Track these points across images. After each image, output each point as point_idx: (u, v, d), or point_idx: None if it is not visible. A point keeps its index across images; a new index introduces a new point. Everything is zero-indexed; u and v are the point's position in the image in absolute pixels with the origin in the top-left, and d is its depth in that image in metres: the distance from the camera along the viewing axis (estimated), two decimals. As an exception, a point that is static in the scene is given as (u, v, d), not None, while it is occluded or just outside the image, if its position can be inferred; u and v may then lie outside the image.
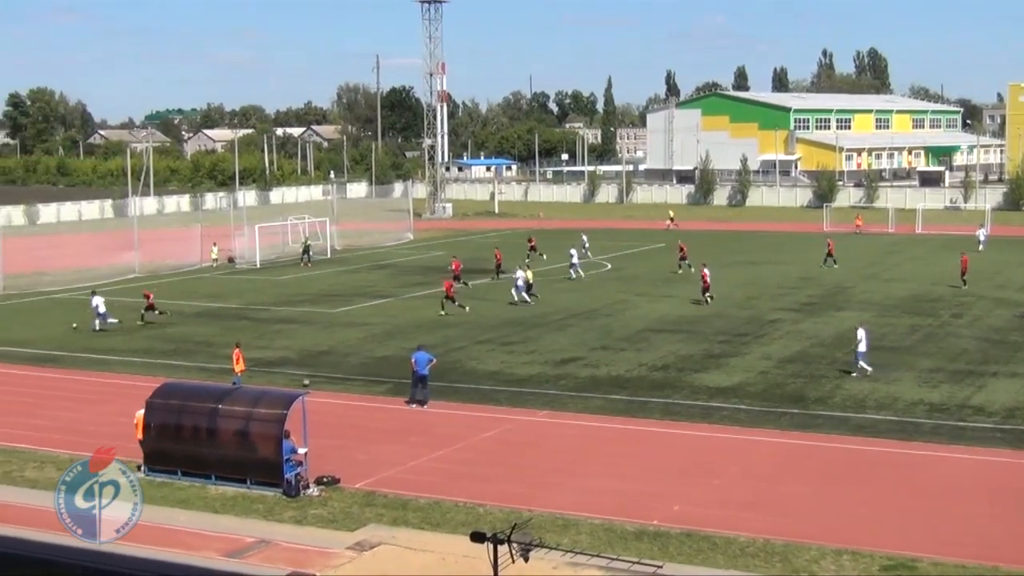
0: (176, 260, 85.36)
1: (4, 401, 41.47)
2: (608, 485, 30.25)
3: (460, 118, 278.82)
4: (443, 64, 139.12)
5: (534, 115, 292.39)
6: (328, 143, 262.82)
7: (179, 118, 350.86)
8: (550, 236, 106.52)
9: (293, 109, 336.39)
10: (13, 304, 66.11)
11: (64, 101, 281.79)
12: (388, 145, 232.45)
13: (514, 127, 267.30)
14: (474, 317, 58.36)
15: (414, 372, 39.60)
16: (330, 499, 29.33)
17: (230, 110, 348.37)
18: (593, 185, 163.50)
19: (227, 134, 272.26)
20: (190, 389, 34.37)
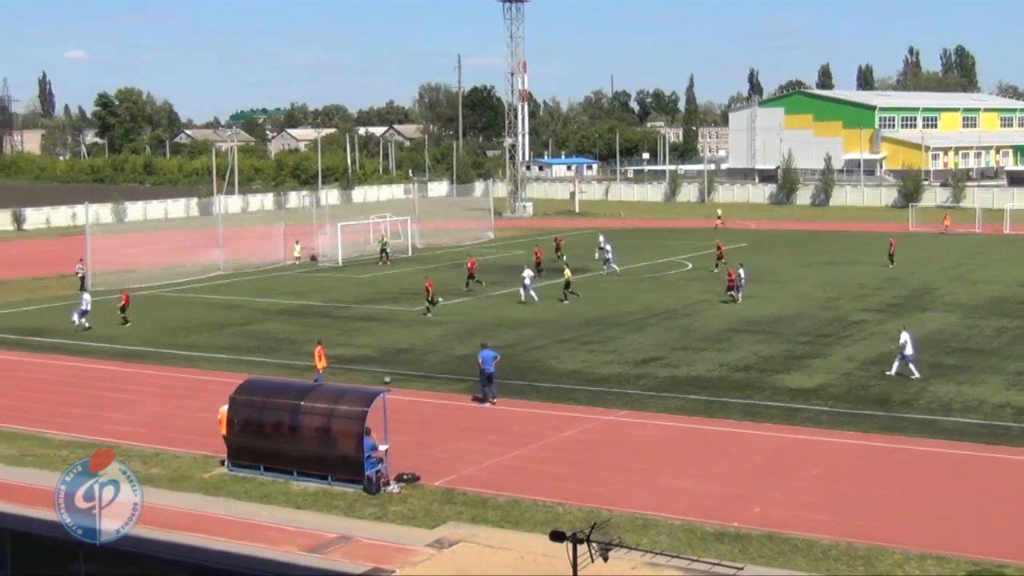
0: (259, 258, 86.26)
1: (91, 396, 42.17)
2: (688, 486, 30.07)
3: (541, 117, 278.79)
4: (524, 63, 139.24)
5: (615, 114, 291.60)
6: (410, 142, 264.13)
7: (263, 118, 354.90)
8: (629, 236, 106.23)
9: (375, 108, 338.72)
10: (101, 301, 67.12)
11: (151, 101, 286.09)
12: (469, 144, 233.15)
13: (595, 126, 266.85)
14: (555, 316, 58.33)
15: (482, 370, 39.75)
16: (410, 496, 29.45)
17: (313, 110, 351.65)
18: (674, 184, 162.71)
19: (310, 133, 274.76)
20: (273, 385, 34.69)
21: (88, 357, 50.01)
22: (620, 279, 72.66)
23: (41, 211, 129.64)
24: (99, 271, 74.21)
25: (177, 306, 64.58)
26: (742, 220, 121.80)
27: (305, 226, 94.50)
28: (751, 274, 74.53)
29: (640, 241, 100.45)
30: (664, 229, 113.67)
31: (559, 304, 62.43)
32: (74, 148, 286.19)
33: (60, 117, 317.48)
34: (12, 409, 40.03)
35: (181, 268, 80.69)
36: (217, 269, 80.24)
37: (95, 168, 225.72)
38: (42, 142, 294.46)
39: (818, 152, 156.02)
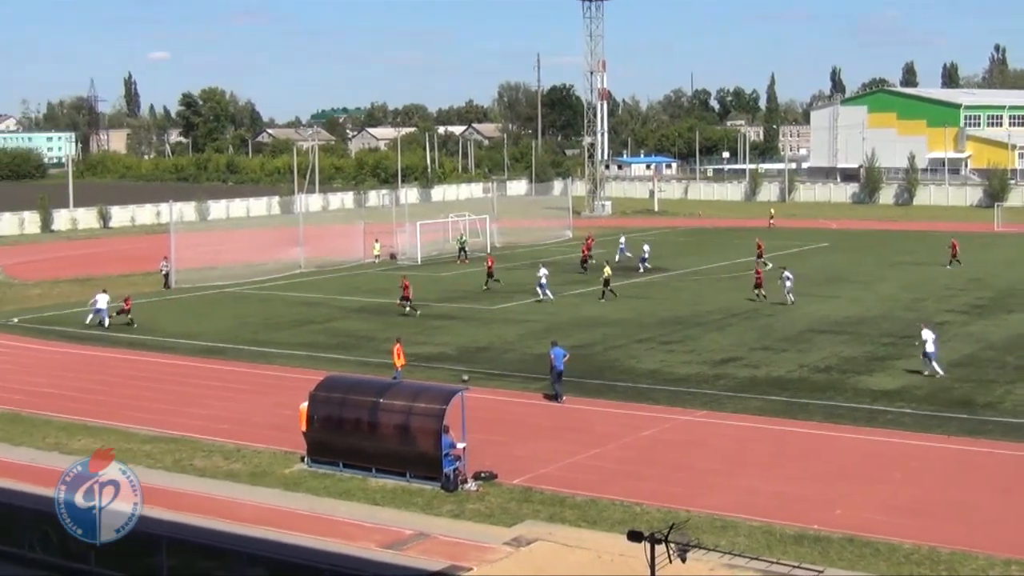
0: (340, 256, 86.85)
1: (174, 392, 42.73)
2: (767, 487, 29.82)
3: (620, 116, 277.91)
4: (604, 62, 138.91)
5: (695, 112, 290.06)
6: (489, 141, 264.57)
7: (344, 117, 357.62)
8: (708, 235, 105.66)
9: (455, 108, 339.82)
10: (184, 298, 68.14)
11: (234, 101, 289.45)
12: (548, 143, 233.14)
13: (674, 125, 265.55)
14: (633, 315, 58.13)
15: (552, 368, 39.70)
16: (487, 494, 29.50)
17: (393, 109, 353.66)
18: (754, 183, 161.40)
19: (390, 132, 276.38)
20: (352, 383, 34.90)
21: (171, 353, 50.69)
22: (699, 279, 72.25)
23: (126, 209, 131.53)
24: (182, 268, 75.16)
25: (258, 303, 65.26)
26: (823, 219, 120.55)
27: (384, 224, 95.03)
28: (832, 274, 73.85)
29: (719, 240, 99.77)
30: (744, 229, 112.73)
31: (599, 302, 62.65)
32: (159, 147, 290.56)
33: (145, 117, 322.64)
34: (98, 404, 40.69)
35: (262, 266, 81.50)
36: (298, 267, 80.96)
37: (179, 167, 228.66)
38: (128, 141, 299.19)
39: (901, 151, 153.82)
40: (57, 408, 40.04)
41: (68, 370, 47.21)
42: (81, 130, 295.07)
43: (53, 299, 68.37)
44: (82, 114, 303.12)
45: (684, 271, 77.44)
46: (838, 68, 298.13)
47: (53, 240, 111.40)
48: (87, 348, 52.39)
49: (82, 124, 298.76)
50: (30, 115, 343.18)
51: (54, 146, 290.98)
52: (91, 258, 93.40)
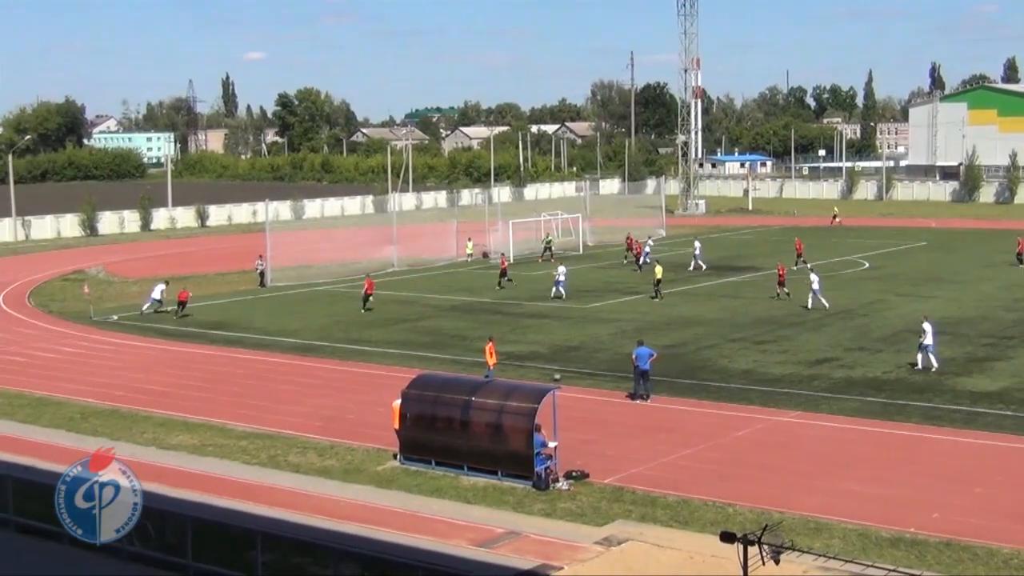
0: (432, 255, 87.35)
1: (270, 389, 43.27)
2: (862, 490, 29.46)
3: (714, 114, 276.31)
4: (698, 59, 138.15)
5: (790, 110, 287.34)
6: (582, 140, 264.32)
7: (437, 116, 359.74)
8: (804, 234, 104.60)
9: (548, 106, 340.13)
10: (280, 296, 68.96)
11: (329, 101, 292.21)
12: (641, 141, 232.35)
13: (769, 123, 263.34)
14: (726, 315, 57.75)
15: (636, 367, 39.63)
16: (579, 493, 29.49)
17: (486, 108, 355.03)
18: (851, 182, 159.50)
19: (483, 131, 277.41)
20: (444, 381, 35.07)
21: (267, 351, 51.35)
22: (795, 279, 71.53)
23: (223, 208, 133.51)
24: (278, 267, 76.06)
25: (352, 302, 65.81)
26: (922, 218, 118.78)
27: (477, 223, 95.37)
28: (930, 273, 72.70)
29: (816, 239, 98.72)
30: (840, 227, 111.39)
31: (652, 301, 62.91)
32: (255, 147, 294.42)
33: (242, 117, 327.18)
34: (196, 400, 41.35)
35: (356, 264, 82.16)
36: (391, 266, 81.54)
37: (275, 166, 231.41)
38: (225, 141, 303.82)
39: (1003, 148, 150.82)
40: (155, 404, 40.76)
41: (166, 366, 48.03)
42: (180, 130, 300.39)
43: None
44: (181, 114, 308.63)
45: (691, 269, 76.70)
46: (937, 64, 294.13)
47: (152, 239, 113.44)
48: (184, 345, 53.25)
49: (181, 124, 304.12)
50: (130, 116, 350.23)
51: (153, 146, 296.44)
52: (189, 256, 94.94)
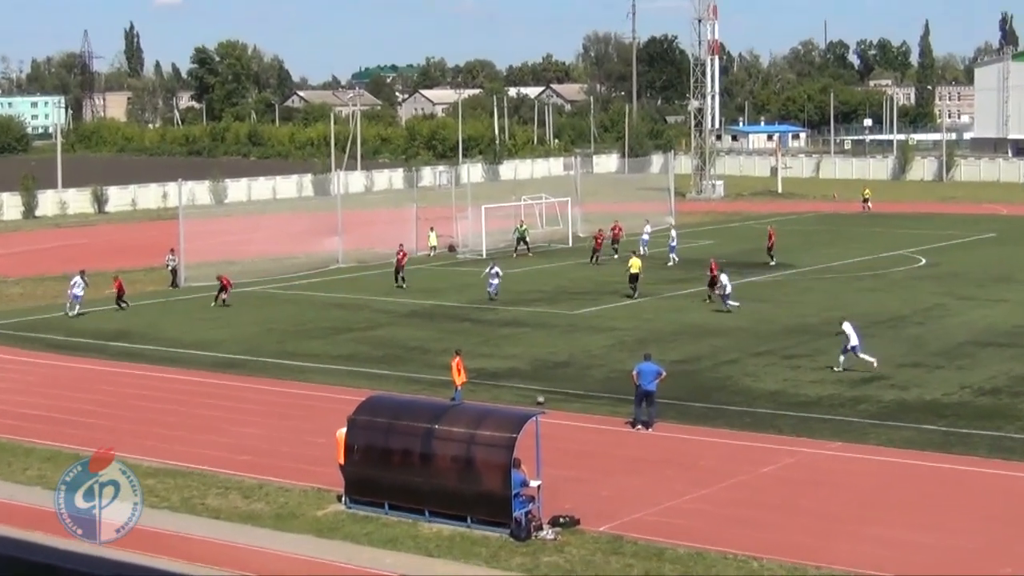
0: (387, 247, 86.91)
1: (183, 414, 43.11)
2: (916, 538, 29.58)
3: (735, 74, 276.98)
4: (715, 7, 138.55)
5: (829, 70, 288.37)
6: (571, 106, 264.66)
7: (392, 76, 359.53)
8: (845, 223, 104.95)
9: (529, 65, 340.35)
10: (196, 299, 68.73)
11: (258, 57, 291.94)
12: (645, 108, 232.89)
13: (803, 85, 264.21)
14: (750, 323, 57.88)
15: (638, 387, 39.66)
16: (567, 544, 29.48)
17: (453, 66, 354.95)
18: (904, 158, 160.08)
19: (449, 95, 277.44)
20: (400, 405, 35.01)
21: (179, 367, 51.20)
22: (835, 278, 71.75)
23: (126, 190, 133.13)
24: (194, 262, 75.80)
25: (286, 306, 65.69)
26: (990, 203, 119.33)
27: (442, 209, 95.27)
28: (999, 272, 73.02)
29: (859, 229, 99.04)
30: (890, 215, 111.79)
31: (630, 300, 63.96)
32: (166, 114, 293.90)
33: (149, 77, 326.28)
34: (91, 429, 41.13)
35: (292, 260, 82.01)
36: (335, 262, 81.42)
37: (190, 138, 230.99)
38: (128, 107, 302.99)
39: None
40: (40, 434, 40.51)
41: (55, 387, 47.81)
42: (72, 93, 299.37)
43: (37, 300, 69.34)
44: (73, 74, 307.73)
45: (814, 268, 76.99)
46: (1008, 15, 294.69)
47: (37, 228, 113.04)
48: (78, 360, 53.05)
49: (73, 86, 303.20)
50: (10, 75, 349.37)
51: (39, 113, 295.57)
52: (83, 250, 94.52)
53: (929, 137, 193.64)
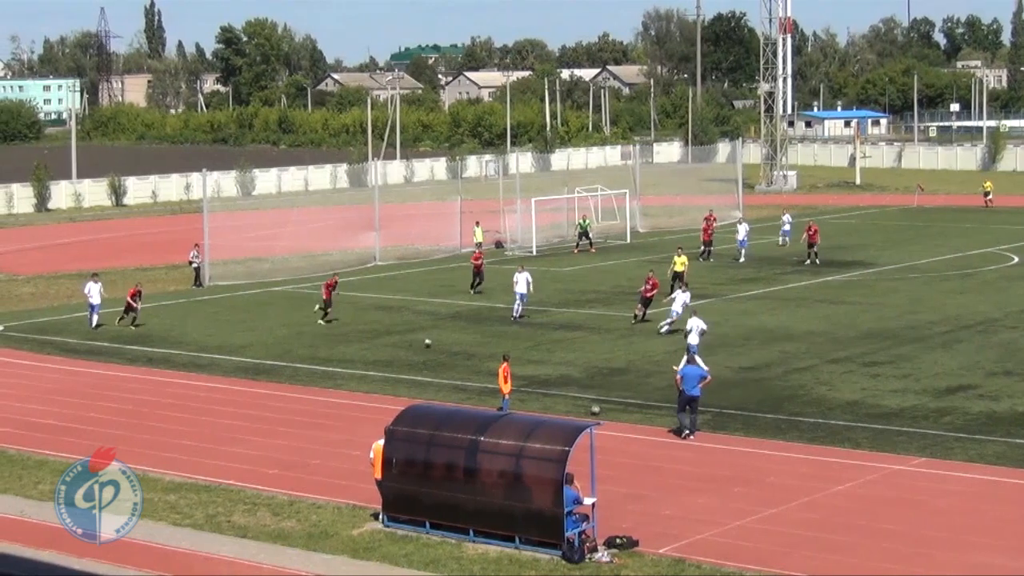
0: (429, 244, 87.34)
1: (207, 424, 43.24)
2: (1011, 563, 29.43)
3: (810, 55, 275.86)
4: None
5: (912, 50, 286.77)
6: (630, 89, 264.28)
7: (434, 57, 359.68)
8: (929, 217, 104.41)
9: (584, 45, 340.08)
10: (223, 299, 68.96)
11: (289, 36, 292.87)
12: (710, 92, 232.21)
13: (884, 67, 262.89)
14: (825, 326, 57.63)
15: (681, 392, 39.75)
16: (624, 567, 29.48)
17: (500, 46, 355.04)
18: (995, 146, 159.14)
19: (496, 78, 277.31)
20: (443, 415, 35.00)
21: (204, 373, 51.36)
22: (917, 277, 71.39)
23: (146, 181, 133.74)
24: (219, 260, 76.09)
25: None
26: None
27: (488, 202, 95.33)
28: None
29: (946, 225, 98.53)
30: (980, 209, 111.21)
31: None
32: (189, 98, 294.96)
33: (171, 58, 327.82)
34: (108, 440, 41.07)
35: (325, 257, 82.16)
36: (372, 259, 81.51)
37: (215, 124, 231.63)
38: (148, 91, 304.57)
39: None
40: (54, 445, 40.73)
41: (69, 395, 48.04)
42: (88, 76, 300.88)
43: (50, 300, 69.70)
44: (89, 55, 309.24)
45: (896, 266, 76.64)
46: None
47: (50, 222, 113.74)
48: (94, 365, 53.30)
49: (89, 68, 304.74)
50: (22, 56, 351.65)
51: (52, 97, 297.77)
52: (100, 246, 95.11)
53: (1022, 123, 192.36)
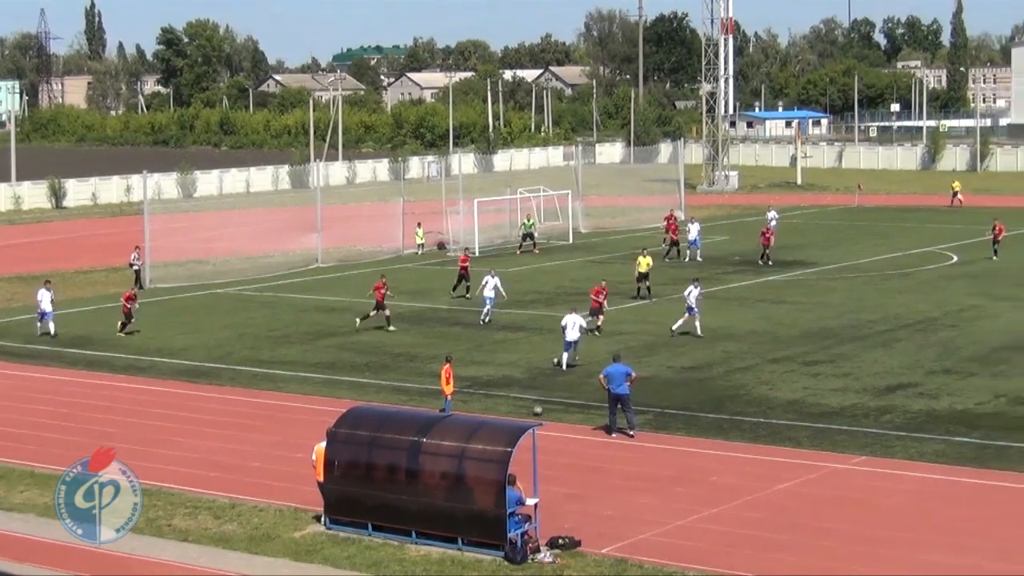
0: (371, 245, 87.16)
1: (147, 427, 42.99)
2: (951, 561, 29.58)
3: (751, 55, 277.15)
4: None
5: (853, 51, 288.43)
6: (572, 90, 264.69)
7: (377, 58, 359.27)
8: (870, 217, 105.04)
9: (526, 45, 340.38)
10: (163, 302, 68.62)
11: (230, 37, 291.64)
12: (652, 93, 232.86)
13: (825, 67, 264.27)
14: (766, 326, 57.85)
15: (608, 392, 39.88)
16: (567, 567, 29.47)
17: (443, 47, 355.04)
18: (935, 147, 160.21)
19: (439, 79, 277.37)
20: (385, 416, 34.92)
21: (144, 376, 51.13)
22: (860, 277, 71.75)
23: (86, 183, 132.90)
24: (160, 262, 75.76)
25: (260, 309, 65.63)
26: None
27: (431, 203, 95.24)
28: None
29: (886, 224, 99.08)
30: (920, 208, 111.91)
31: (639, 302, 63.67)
32: (129, 100, 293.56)
33: (112, 60, 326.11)
34: (47, 444, 41.05)
35: (267, 259, 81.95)
36: (314, 261, 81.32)
37: (156, 126, 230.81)
38: (89, 92, 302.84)
39: None
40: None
41: (6, 399, 47.70)
42: (28, 77, 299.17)
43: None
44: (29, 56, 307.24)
45: (837, 266, 77.00)
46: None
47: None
48: (32, 369, 52.96)
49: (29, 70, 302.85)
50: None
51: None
52: (39, 249, 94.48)
53: (962, 123, 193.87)
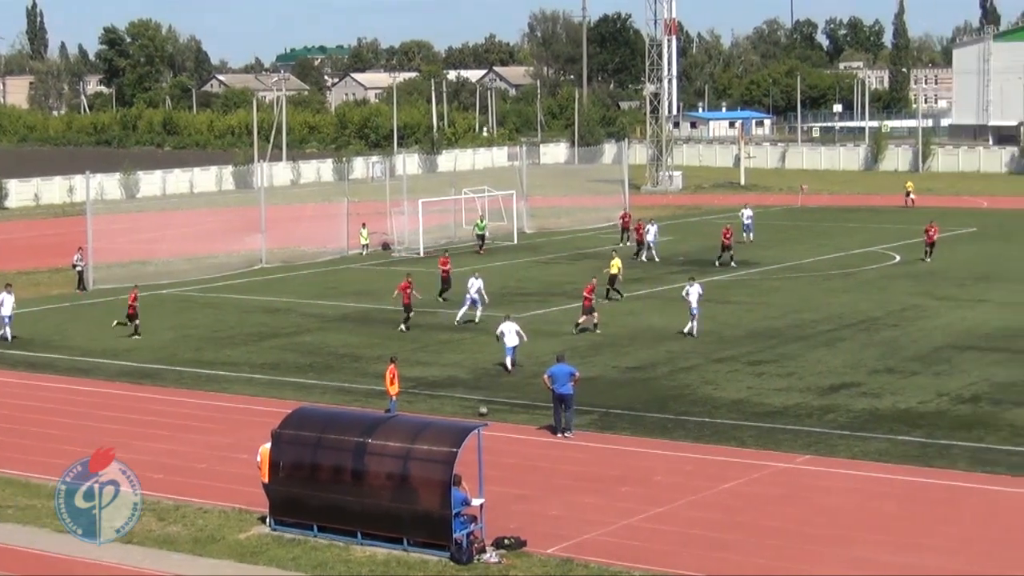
0: (315, 246, 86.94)
1: (91, 429, 42.72)
2: (896, 560, 29.72)
3: (695, 56, 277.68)
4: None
5: (795, 52, 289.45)
6: (516, 90, 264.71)
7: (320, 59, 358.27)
8: (813, 217, 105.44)
9: (470, 46, 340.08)
10: (106, 303, 68.18)
11: (173, 38, 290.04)
12: (596, 93, 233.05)
13: (768, 68, 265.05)
14: (711, 326, 57.95)
15: (552, 392, 39.94)
16: (513, 568, 29.48)
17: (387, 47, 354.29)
18: (877, 147, 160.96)
19: (383, 79, 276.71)
20: (330, 417, 34.87)
21: (88, 378, 50.85)
22: (803, 277, 72.06)
23: (28, 183, 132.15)
24: (103, 263, 75.33)
25: (204, 310, 65.37)
26: (970, 196, 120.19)
27: (375, 203, 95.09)
28: (980, 270, 73.51)
29: (829, 224, 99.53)
30: (862, 208, 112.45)
31: (607, 302, 62.71)
32: (72, 100, 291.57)
33: (54, 60, 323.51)
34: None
35: (210, 260, 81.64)
36: (258, 261, 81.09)
37: (99, 126, 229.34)
38: (30, 92, 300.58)
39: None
40: (-69, 452, 40.17)
41: (-51, 400, 47.39)
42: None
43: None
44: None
45: (780, 266, 77.29)
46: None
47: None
48: (-27, 371, 52.63)
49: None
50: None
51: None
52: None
53: (904, 124, 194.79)
